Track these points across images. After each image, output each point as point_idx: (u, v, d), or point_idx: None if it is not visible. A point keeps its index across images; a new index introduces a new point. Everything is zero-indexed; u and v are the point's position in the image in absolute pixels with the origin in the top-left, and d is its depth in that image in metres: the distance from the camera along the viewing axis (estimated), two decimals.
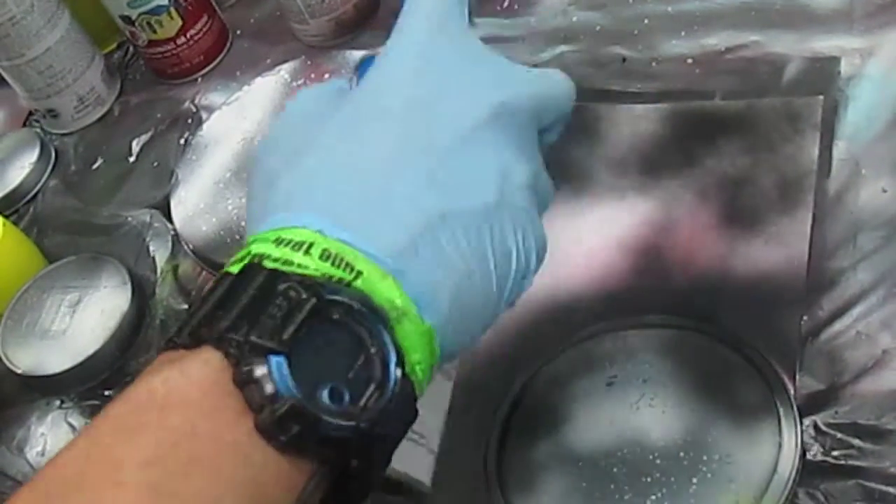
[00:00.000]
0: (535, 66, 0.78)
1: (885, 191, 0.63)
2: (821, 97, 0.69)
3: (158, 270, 0.81)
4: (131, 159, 0.91)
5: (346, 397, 0.36)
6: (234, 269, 0.38)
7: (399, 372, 0.37)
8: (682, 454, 0.55)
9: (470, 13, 0.49)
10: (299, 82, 0.86)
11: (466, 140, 0.42)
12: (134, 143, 0.92)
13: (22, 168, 0.94)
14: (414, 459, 0.48)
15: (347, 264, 0.38)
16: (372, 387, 0.37)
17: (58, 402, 0.77)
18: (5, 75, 0.94)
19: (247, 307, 0.36)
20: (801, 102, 0.69)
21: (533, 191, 0.44)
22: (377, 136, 0.42)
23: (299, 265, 0.37)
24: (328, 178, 0.41)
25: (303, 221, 0.39)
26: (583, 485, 0.56)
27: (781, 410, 0.55)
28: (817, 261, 0.61)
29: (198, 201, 0.81)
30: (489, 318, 0.43)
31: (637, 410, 0.58)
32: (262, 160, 0.45)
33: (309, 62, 0.87)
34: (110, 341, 0.76)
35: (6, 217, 0.85)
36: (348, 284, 0.37)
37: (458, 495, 0.60)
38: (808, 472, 0.54)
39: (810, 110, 0.68)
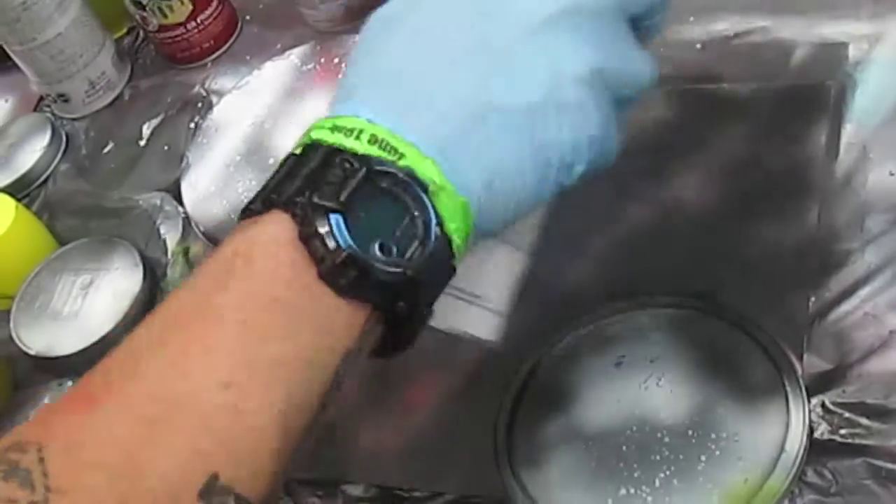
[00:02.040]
0: None
1: (892, 174, 0.63)
2: (829, 82, 0.69)
3: (169, 253, 0.82)
4: (142, 143, 0.92)
5: (394, 251, 0.42)
6: (297, 151, 0.44)
7: (438, 231, 0.43)
8: (690, 432, 0.56)
9: None
10: (309, 67, 0.86)
11: (524, 38, 0.45)
12: (144, 127, 0.92)
13: (33, 152, 0.94)
14: (480, 321, 0.56)
15: (392, 147, 0.43)
16: (415, 243, 0.43)
17: (69, 383, 0.78)
18: (17, 59, 0.95)
19: (309, 176, 0.43)
20: (810, 87, 0.70)
21: (597, 80, 0.46)
22: (440, 37, 0.46)
23: (350, 148, 0.43)
24: (386, 75, 0.46)
25: (356, 111, 0.44)
26: (591, 463, 0.57)
27: (789, 390, 0.56)
28: (825, 242, 0.62)
29: (208, 184, 0.82)
30: (528, 201, 0.46)
31: (645, 390, 0.58)
32: (360, 44, 0.49)
33: (319, 47, 0.87)
34: (122, 323, 0.77)
35: (18, 200, 0.85)
36: (393, 163, 0.43)
37: (467, 473, 0.61)
38: (816, 450, 0.55)
39: (818, 95, 0.69)
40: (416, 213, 0.43)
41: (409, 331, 0.45)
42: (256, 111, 0.85)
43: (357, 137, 0.43)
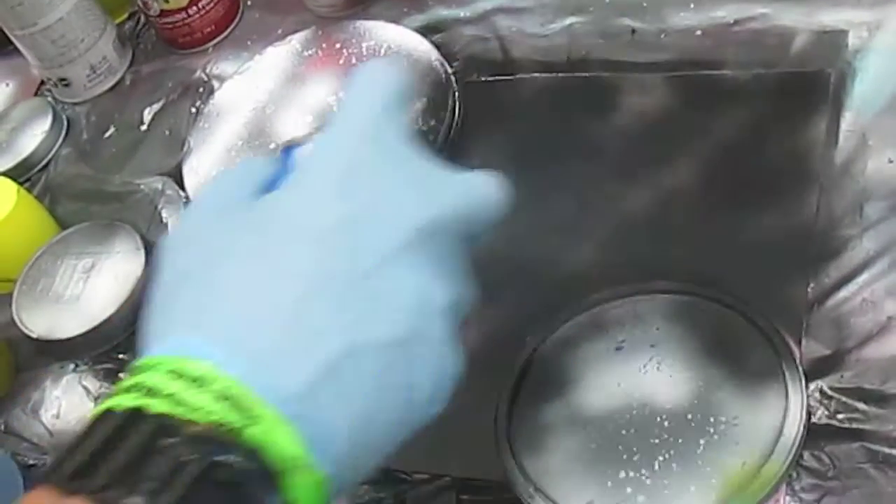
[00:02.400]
0: (545, 36, 0.80)
1: (891, 161, 0.64)
2: (828, 70, 0.70)
3: None
4: (143, 128, 0.92)
5: None
6: (122, 401, 0.36)
7: None
8: (689, 416, 0.56)
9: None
10: (310, 52, 0.86)
11: (386, 265, 0.40)
12: (146, 112, 0.92)
13: (34, 136, 0.94)
14: None
15: (243, 409, 0.36)
16: None
17: (72, 366, 0.78)
18: (18, 44, 0.95)
19: (127, 464, 0.35)
20: (809, 74, 0.70)
21: (453, 312, 0.42)
22: (291, 261, 0.40)
23: (193, 407, 0.35)
24: (235, 303, 0.39)
25: (203, 351, 0.37)
26: (592, 446, 0.57)
27: (788, 375, 0.56)
28: (824, 229, 0.62)
29: (210, 169, 0.82)
30: (390, 448, 0.41)
31: (645, 374, 0.59)
32: (169, 255, 0.43)
33: (320, 32, 0.87)
34: (124, 306, 0.77)
35: (19, 185, 0.85)
36: (240, 433, 0.35)
37: (468, 456, 0.61)
38: (814, 434, 0.55)
39: (818, 82, 0.69)
40: None
41: None
42: (258, 96, 0.85)
43: (202, 389, 0.36)
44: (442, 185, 0.44)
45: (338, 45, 0.85)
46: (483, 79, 0.81)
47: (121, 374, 0.76)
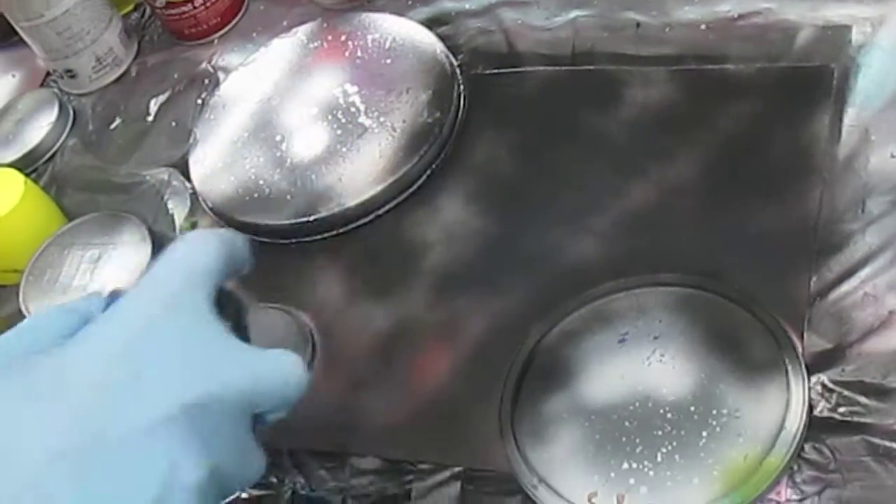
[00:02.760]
0: (550, 29, 0.80)
1: (893, 156, 0.64)
2: (831, 65, 0.70)
3: (177, 228, 0.82)
4: (149, 119, 0.92)
5: None
6: None
7: None
8: (692, 409, 0.57)
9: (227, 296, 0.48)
10: (315, 44, 0.86)
11: (138, 436, 0.40)
12: (152, 103, 0.93)
13: (40, 128, 0.95)
14: None
15: None
16: None
17: None
18: (24, 35, 0.95)
19: None
20: (813, 69, 0.70)
21: (207, 489, 0.41)
22: (44, 418, 0.40)
23: None
24: None
25: None
26: (595, 438, 0.58)
27: (789, 368, 0.57)
28: (826, 223, 0.63)
29: (216, 160, 0.82)
30: None
31: (648, 366, 0.59)
32: None
33: (325, 24, 0.88)
34: None
35: (26, 175, 0.86)
36: None
37: (473, 447, 0.62)
38: (815, 427, 0.56)
39: (821, 77, 0.69)
40: None
41: None
42: (263, 88, 0.85)
43: None
44: (228, 363, 0.44)
45: (343, 38, 0.85)
46: (488, 71, 0.81)
47: None
